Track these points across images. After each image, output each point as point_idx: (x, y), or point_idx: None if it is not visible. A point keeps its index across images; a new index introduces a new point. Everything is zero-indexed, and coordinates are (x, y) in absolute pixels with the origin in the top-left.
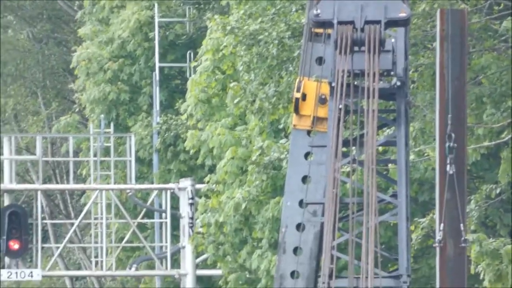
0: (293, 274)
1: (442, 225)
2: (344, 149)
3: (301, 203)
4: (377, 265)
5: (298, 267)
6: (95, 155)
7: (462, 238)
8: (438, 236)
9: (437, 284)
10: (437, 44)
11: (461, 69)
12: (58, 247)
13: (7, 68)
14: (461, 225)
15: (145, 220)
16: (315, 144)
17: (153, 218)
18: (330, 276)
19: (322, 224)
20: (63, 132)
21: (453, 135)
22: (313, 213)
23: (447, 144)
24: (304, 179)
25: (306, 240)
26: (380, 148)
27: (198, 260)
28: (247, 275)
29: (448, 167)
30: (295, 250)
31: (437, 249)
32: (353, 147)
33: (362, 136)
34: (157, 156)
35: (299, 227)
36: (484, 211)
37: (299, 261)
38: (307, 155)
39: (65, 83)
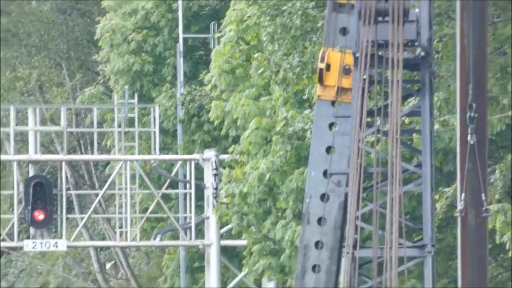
0: (317, 244)
1: (463, 195)
2: (369, 119)
3: (325, 173)
4: (402, 235)
5: (322, 237)
6: (119, 126)
7: (483, 208)
8: (460, 206)
9: (459, 254)
10: (456, 14)
11: (481, 39)
12: (82, 218)
13: (31, 39)
14: (482, 194)
15: (169, 191)
16: (340, 114)
17: (177, 188)
18: (354, 246)
19: (346, 194)
20: (88, 103)
21: (474, 105)
22: (337, 183)
23: (468, 114)
24: (328, 149)
25: (330, 210)
26: (407, 120)
27: (222, 230)
28: (271, 246)
29: (469, 137)
30: (319, 220)
31: (459, 219)
32: (378, 117)
33: (386, 106)
34: (181, 127)
35: (323, 197)
36: (509, 181)
37: (323, 231)
38: (331, 125)
39: (89, 54)
